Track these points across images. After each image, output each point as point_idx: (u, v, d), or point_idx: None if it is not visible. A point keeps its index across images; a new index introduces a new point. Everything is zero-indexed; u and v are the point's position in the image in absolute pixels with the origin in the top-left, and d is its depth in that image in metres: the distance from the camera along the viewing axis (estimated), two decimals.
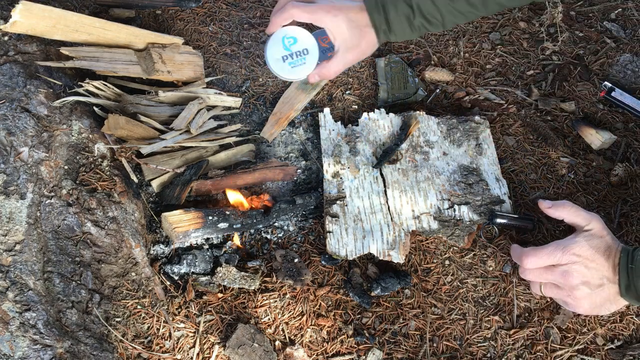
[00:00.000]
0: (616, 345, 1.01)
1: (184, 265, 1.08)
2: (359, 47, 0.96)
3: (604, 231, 0.97)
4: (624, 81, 1.37)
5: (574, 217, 1.01)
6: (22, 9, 1.04)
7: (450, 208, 1.14)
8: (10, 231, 0.94)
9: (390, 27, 0.96)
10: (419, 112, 1.28)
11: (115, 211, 1.07)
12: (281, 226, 1.16)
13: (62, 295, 0.95)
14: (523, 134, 1.29)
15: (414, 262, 1.11)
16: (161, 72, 1.22)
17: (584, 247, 0.94)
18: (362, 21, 0.95)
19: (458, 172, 1.20)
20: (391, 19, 0.95)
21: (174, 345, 1.00)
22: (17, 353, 0.86)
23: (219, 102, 1.29)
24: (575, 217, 1.01)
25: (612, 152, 1.26)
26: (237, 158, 1.25)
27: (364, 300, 1.05)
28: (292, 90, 1.35)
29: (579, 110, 1.33)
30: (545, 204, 1.05)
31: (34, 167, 1.02)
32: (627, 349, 1.00)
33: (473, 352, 1.01)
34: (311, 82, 0.99)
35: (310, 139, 1.30)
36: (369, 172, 1.19)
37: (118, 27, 1.19)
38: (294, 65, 0.96)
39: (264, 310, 1.05)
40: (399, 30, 0.96)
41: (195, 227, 1.08)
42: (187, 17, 1.46)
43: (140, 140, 1.15)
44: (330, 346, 1.01)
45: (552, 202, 1.05)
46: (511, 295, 1.07)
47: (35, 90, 1.09)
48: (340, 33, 0.94)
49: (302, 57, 0.96)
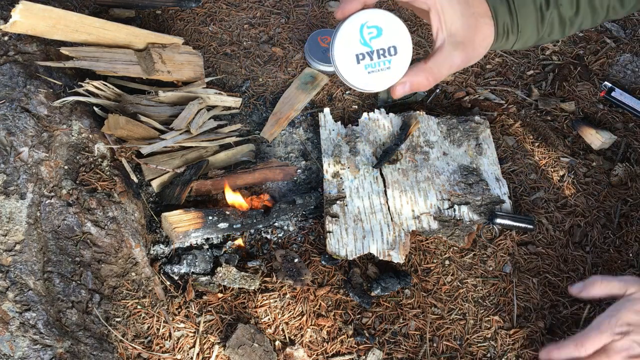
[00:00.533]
0: None
1: (184, 265, 1.08)
2: (472, 45, 0.67)
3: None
4: (624, 81, 1.37)
5: (608, 290, 0.91)
6: (22, 9, 1.04)
7: (450, 208, 1.14)
8: (10, 231, 0.94)
9: (515, 20, 0.69)
10: (419, 112, 1.28)
11: (115, 211, 1.07)
12: (281, 226, 1.16)
13: (62, 295, 0.95)
14: (523, 134, 1.29)
15: (414, 262, 1.11)
16: (161, 72, 1.22)
17: (630, 313, 0.84)
18: (480, 9, 0.67)
19: (458, 172, 1.20)
20: (519, 11, 0.69)
21: (174, 345, 1.00)
22: (17, 353, 0.86)
23: (219, 102, 1.29)
24: (609, 290, 0.91)
25: (612, 152, 1.26)
26: (237, 158, 1.25)
27: (364, 300, 1.05)
28: (292, 90, 1.35)
29: (579, 110, 1.33)
30: (575, 289, 0.94)
31: (34, 167, 1.02)
32: None
33: (473, 352, 1.01)
34: (395, 96, 0.69)
35: (310, 139, 1.30)
36: (369, 172, 1.19)
37: (118, 27, 1.19)
38: (372, 70, 0.67)
39: (264, 310, 1.05)
40: (525, 24, 0.70)
41: (195, 227, 1.08)
42: (187, 17, 1.46)
43: (140, 140, 1.15)
44: (330, 346, 1.01)
45: (581, 284, 0.93)
46: (511, 295, 1.07)
47: (35, 90, 1.09)
48: (450, 18, 0.65)
49: (386, 57, 0.66)
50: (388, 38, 0.65)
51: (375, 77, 0.66)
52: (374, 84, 0.67)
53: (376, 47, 0.65)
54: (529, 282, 1.09)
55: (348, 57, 0.65)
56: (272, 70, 1.39)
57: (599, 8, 0.72)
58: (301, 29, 1.46)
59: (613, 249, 1.12)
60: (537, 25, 0.71)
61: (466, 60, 0.67)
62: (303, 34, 1.45)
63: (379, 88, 0.68)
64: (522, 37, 0.71)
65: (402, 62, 0.66)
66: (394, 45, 0.65)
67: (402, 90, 0.67)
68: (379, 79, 0.66)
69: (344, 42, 0.65)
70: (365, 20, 0.64)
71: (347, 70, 0.66)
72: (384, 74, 0.66)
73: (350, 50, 0.65)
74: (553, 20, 0.71)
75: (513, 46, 0.73)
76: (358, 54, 0.65)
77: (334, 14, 0.66)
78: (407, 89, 0.67)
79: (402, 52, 0.66)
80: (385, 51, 0.65)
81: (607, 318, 0.85)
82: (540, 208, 1.17)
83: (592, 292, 0.91)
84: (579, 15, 0.72)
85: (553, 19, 0.71)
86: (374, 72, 0.66)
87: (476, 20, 0.66)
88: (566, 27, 0.73)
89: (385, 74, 0.66)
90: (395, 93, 0.68)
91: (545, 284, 1.09)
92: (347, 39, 0.65)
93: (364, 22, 0.64)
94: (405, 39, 0.66)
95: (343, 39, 0.64)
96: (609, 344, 0.84)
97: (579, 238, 1.14)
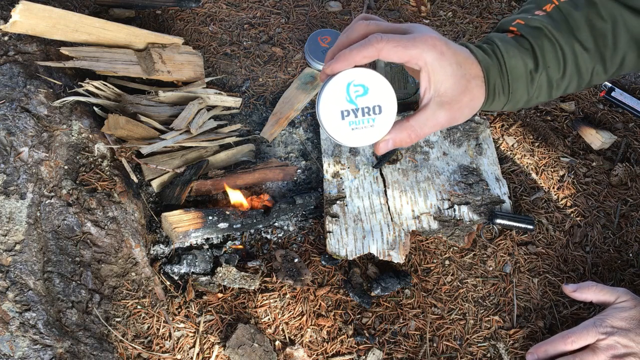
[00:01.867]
0: None
1: (184, 265, 1.08)
2: (458, 105, 0.68)
3: (635, 301, 0.94)
4: (624, 81, 1.37)
5: (600, 296, 0.98)
6: (22, 9, 1.04)
7: (450, 208, 1.14)
8: (10, 231, 0.94)
9: (507, 81, 0.71)
10: None
11: (115, 211, 1.07)
12: (281, 226, 1.16)
13: (62, 295, 0.95)
14: (523, 134, 1.29)
15: (414, 262, 1.11)
16: (161, 72, 1.22)
17: (616, 319, 0.92)
18: (472, 70, 0.69)
19: (458, 172, 1.20)
20: (509, 68, 0.71)
21: (174, 345, 1.00)
22: (17, 353, 0.86)
23: (219, 102, 1.29)
24: (601, 296, 0.98)
25: (612, 152, 1.26)
26: (237, 158, 1.25)
27: (364, 300, 1.05)
28: (292, 90, 1.35)
29: (579, 110, 1.33)
30: (570, 288, 1.02)
31: (34, 167, 1.02)
32: None
33: (473, 352, 1.01)
34: (378, 153, 0.71)
35: (310, 139, 1.30)
36: (369, 172, 1.19)
37: (118, 27, 1.19)
38: (355, 127, 0.68)
39: (264, 310, 1.05)
40: (516, 86, 0.72)
41: (195, 227, 1.08)
42: (187, 17, 1.46)
43: (140, 140, 1.15)
44: (330, 346, 1.01)
45: (576, 285, 1.02)
46: (511, 295, 1.07)
47: (35, 90, 1.09)
48: (440, 79, 0.66)
49: (370, 116, 0.67)
50: (374, 97, 0.66)
51: (358, 134, 0.68)
52: (357, 140, 0.69)
53: (361, 105, 0.67)
54: (529, 282, 1.09)
55: (333, 113, 0.67)
56: (272, 70, 1.39)
57: (584, 72, 0.74)
58: (301, 29, 1.46)
59: (613, 249, 1.12)
60: (527, 86, 0.72)
61: (451, 119, 0.69)
62: (303, 34, 1.45)
63: (361, 144, 0.69)
64: (513, 98, 0.73)
65: (386, 121, 0.68)
66: (379, 104, 0.67)
67: (384, 148, 0.69)
68: (362, 135, 0.68)
69: (330, 97, 0.66)
70: (353, 78, 0.66)
71: (331, 125, 0.67)
72: (368, 131, 0.68)
73: (336, 107, 0.66)
74: (542, 83, 0.73)
75: (504, 107, 0.74)
76: (343, 111, 0.66)
77: (323, 69, 0.68)
78: (390, 146, 0.69)
79: (386, 112, 0.67)
80: (370, 110, 0.67)
81: (595, 320, 0.93)
82: (540, 208, 1.17)
83: (585, 295, 1.00)
84: (565, 78, 0.74)
85: (542, 81, 0.73)
86: (358, 129, 0.68)
87: (467, 82, 0.68)
88: (553, 89, 0.75)
89: (369, 131, 0.68)
90: (378, 150, 0.70)
91: (545, 284, 1.09)
92: (333, 95, 0.66)
93: (351, 80, 0.66)
94: (391, 99, 0.67)
95: (329, 95, 0.66)
96: (595, 343, 0.91)
97: (579, 238, 1.14)
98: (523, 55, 0.71)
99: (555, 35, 0.72)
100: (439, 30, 1.47)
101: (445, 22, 1.49)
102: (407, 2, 1.53)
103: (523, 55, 0.71)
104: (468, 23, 1.48)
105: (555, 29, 0.72)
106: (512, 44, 0.72)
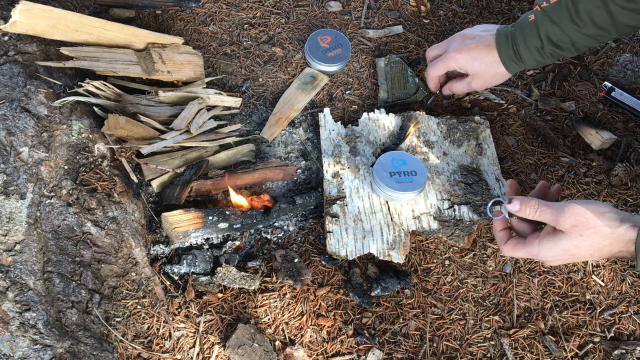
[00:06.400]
0: (610, 337, 1.01)
1: (184, 265, 1.08)
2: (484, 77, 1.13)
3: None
4: (624, 81, 1.37)
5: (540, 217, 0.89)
6: (22, 9, 1.04)
7: (450, 208, 1.14)
8: (10, 231, 0.94)
9: (521, 59, 1.06)
10: (419, 112, 1.28)
11: (115, 211, 1.07)
12: (281, 226, 1.16)
13: (62, 295, 0.95)
14: (523, 134, 1.29)
15: (414, 262, 1.11)
16: (161, 72, 1.22)
17: None
18: (488, 57, 1.09)
19: (458, 172, 1.20)
20: (522, 52, 1.05)
21: (174, 345, 1.00)
22: (17, 353, 0.86)
23: (219, 102, 1.29)
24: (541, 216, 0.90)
25: (612, 152, 1.26)
26: (237, 158, 1.25)
27: (364, 300, 1.05)
28: (292, 90, 1.35)
29: (579, 110, 1.33)
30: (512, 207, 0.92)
31: (34, 167, 1.02)
32: (621, 343, 1.00)
33: (473, 352, 1.01)
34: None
35: (310, 139, 1.30)
36: (369, 172, 1.19)
37: (118, 27, 1.19)
38: (400, 181, 1.10)
39: (264, 310, 1.05)
40: (530, 60, 1.06)
41: (195, 227, 1.08)
42: (187, 17, 1.46)
43: (140, 140, 1.15)
44: (330, 346, 1.01)
45: (517, 202, 0.90)
46: (511, 295, 1.07)
47: (35, 90, 1.09)
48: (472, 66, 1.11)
49: (408, 177, 1.11)
50: (410, 166, 1.13)
51: (403, 186, 1.11)
52: (403, 193, 1.11)
53: (402, 170, 1.12)
54: (529, 282, 1.09)
55: (385, 173, 1.12)
56: (272, 70, 1.39)
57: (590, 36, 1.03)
58: (301, 29, 1.46)
59: None
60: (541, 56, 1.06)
61: (482, 84, 1.15)
62: (303, 34, 1.45)
63: (408, 197, 1.12)
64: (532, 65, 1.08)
65: (419, 180, 1.12)
66: (414, 170, 1.13)
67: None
68: (403, 187, 1.11)
69: (382, 165, 1.13)
70: (395, 155, 1.15)
71: (383, 180, 1.11)
72: (409, 184, 1.11)
73: (387, 170, 1.12)
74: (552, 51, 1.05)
75: (529, 68, 1.12)
76: (391, 172, 1.12)
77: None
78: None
79: (419, 175, 1.12)
80: (408, 173, 1.12)
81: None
82: None
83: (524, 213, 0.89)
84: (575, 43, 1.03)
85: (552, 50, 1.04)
86: (402, 182, 1.11)
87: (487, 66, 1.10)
88: (570, 51, 1.05)
89: (408, 184, 1.11)
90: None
91: (545, 284, 1.09)
92: (384, 164, 1.13)
93: (395, 156, 1.15)
94: (422, 168, 1.13)
95: (381, 164, 1.13)
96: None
97: None
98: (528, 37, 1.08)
99: None
100: (439, 30, 1.47)
101: (445, 21, 1.49)
102: (407, 2, 1.53)
103: None
104: (467, 23, 1.48)
105: None
106: None
